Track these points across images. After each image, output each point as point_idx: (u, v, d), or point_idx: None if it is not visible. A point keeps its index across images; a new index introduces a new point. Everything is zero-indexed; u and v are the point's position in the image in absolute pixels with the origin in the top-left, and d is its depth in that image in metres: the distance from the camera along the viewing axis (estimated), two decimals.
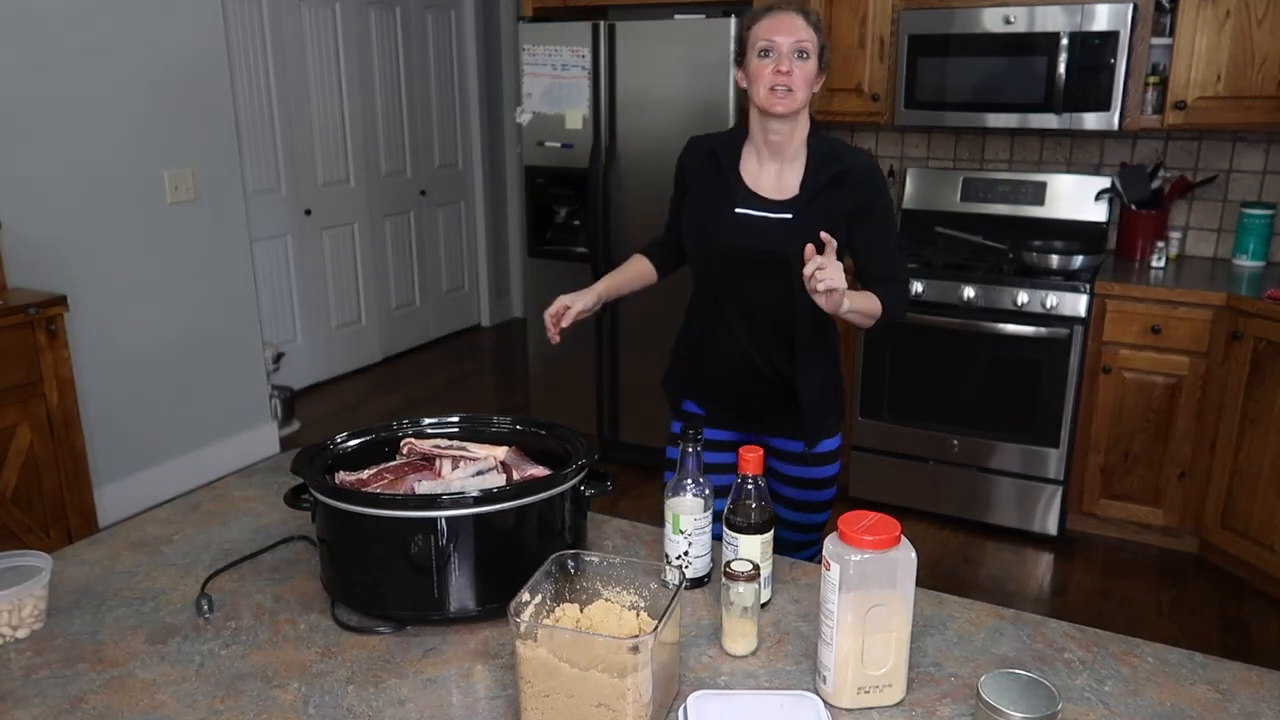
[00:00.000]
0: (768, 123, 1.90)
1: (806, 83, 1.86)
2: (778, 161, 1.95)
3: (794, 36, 1.84)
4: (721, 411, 2.08)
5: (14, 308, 2.73)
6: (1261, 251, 3.36)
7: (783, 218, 1.91)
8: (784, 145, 1.92)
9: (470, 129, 6.06)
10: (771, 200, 1.94)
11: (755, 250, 1.93)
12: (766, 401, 2.02)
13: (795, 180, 1.93)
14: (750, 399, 2.03)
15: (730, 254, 1.95)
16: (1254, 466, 2.97)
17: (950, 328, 3.32)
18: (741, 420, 2.07)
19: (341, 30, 5.01)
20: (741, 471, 1.27)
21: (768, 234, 1.92)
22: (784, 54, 1.83)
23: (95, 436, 3.33)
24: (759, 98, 1.87)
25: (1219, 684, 1.14)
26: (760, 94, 1.87)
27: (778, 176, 1.95)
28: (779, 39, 1.84)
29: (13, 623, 1.23)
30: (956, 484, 3.47)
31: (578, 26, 3.65)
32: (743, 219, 1.94)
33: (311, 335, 5.08)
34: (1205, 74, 3.14)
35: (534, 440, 1.48)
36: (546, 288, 4.00)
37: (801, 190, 1.91)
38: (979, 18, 3.31)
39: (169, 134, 3.56)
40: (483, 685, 1.15)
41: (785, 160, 1.94)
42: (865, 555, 1.06)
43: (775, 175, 1.95)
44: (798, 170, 1.94)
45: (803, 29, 1.85)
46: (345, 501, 1.24)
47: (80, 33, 3.23)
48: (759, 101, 1.88)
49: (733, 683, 1.15)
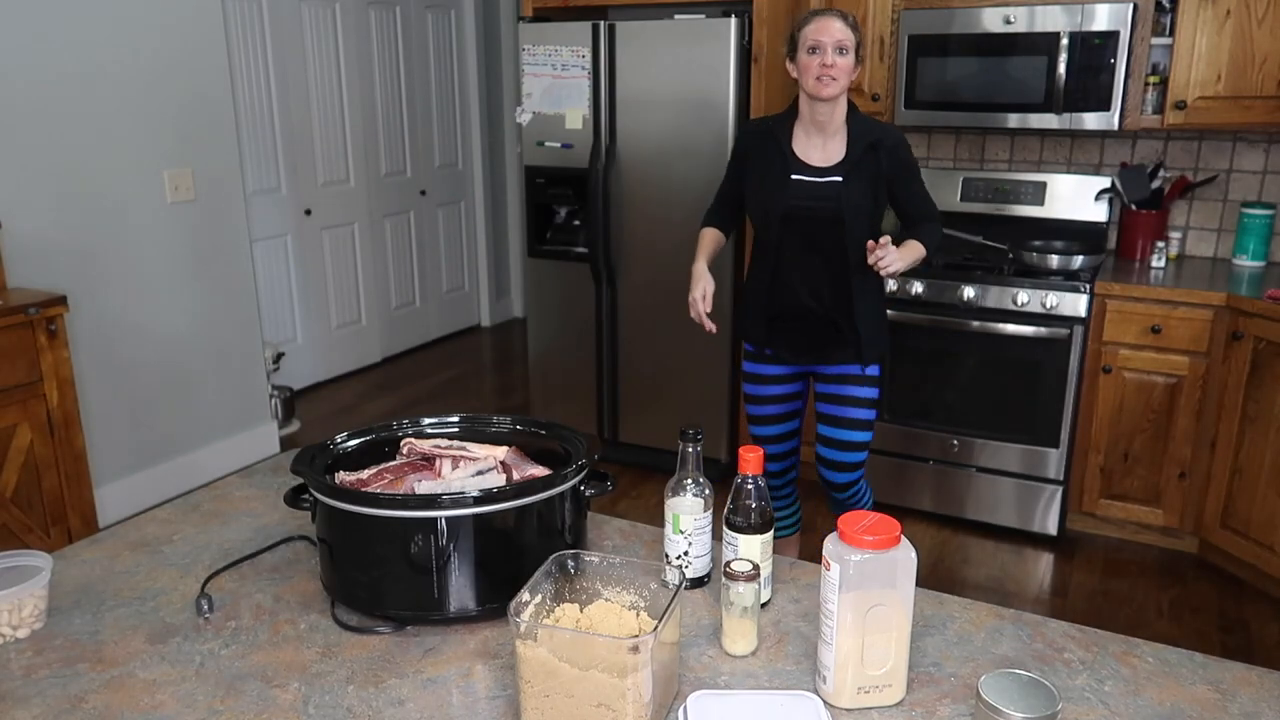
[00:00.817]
0: (815, 105, 2.35)
1: (846, 73, 2.31)
2: (823, 135, 2.40)
3: (836, 37, 2.28)
4: (785, 348, 2.52)
5: (14, 308, 2.73)
6: (1261, 251, 3.36)
7: (833, 180, 2.38)
8: (828, 123, 2.38)
9: (470, 129, 6.06)
10: (820, 168, 2.40)
11: (812, 209, 2.39)
12: (822, 336, 2.48)
13: (839, 151, 2.39)
14: (808, 335, 2.49)
15: (791, 214, 2.40)
16: (1254, 466, 2.97)
17: (950, 328, 3.32)
18: (800, 354, 2.53)
19: (341, 30, 5.01)
20: (741, 471, 1.27)
21: (823, 195, 2.38)
22: (828, 50, 2.27)
23: (95, 436, 3.33)
24: (808, 85, 2.32)
25: (1219, 684, 1.14)
26: (809, 82, 2.32)
27: (823, 148, 2.41)
28: (824, 38, 2.28)
29: (13, 623, 1.23)
30: (956, 484, 3.47)
31: (578, 26, 3.65)
32: (799, 185, 2.40)
33: (311, 335, 5.08)
34: (1205, 74, 3.14)
35: (534, 440, 1.48)
36: (546, 288, 4.01)
37: (846, 158, 2.38)
38: (979, 18, 3.31)
39: (169, 134, 3.56)
40: (483, 685, 1.15)
41: (829, 135, 2.40)
42: (865, 555, 1.06)
43: (821, 147, 2.41)
44: (840, 142, 2.40)
45: (842, 30, 2.29)
46: (345, 501, 1.24)
47: (80, 33, 3.23)
48: (808, 89, 2.33)
49: (733, 683, 1.15)
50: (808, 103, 2.37)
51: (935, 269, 3.34)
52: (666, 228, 3.68)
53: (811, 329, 2.48)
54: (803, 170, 2.39)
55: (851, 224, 2.35)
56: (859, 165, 2.37)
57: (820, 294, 2.43)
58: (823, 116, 2.36)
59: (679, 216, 3.65)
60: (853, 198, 2.35)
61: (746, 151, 2.50)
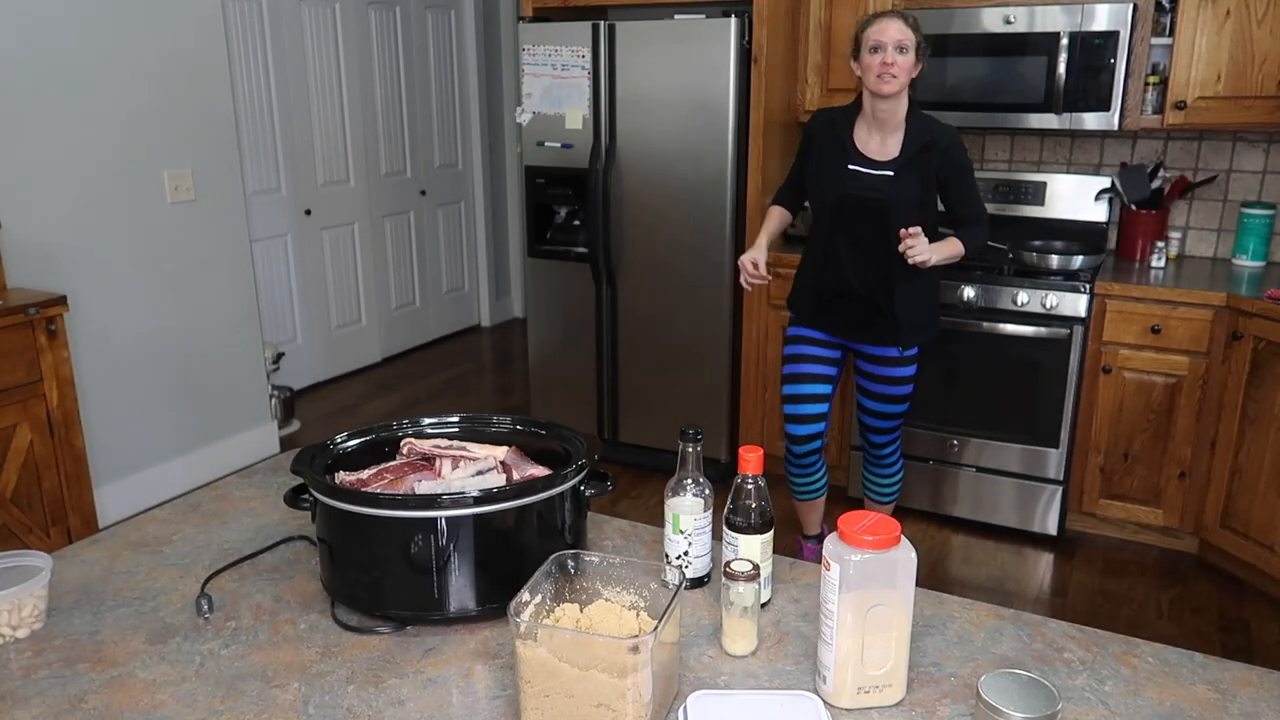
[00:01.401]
0: (876, 101, 2.49)
1: (906, 70, 2.44)
2: (882, 131, 2.55)
3: (896, 37, 2.42)
4: (828, 324, 2.72)
5: (14, 308, 2.73)
6: (1261, 251, 3.36)
7: (885, 174, 2.53)
8: (888, 119, 2.53)
9: (470, 129, 6.06)
10: (877, 160, 2.55)
11: (863, 198, 2.55)
12: (865, 316, 2.65)
13: (896, 146, 2.54)
14: (851, 314, 2.67)
15: (843, 201, 2.57)
16: (1254, 466, 2.97)
17: (950, 328, 3.31)
18: (844, 329, 2.71)
19: (341, 30, 5.01)
20: (741, 471, 1.27)
21: (873, 186, 2.54)
22: (889, 49, 2.41)
23: (95, 436, 3.33)
24: (870, 83, 2.46)
25: (1219, 684, 1.14)
26: (871, 80, 2.46)
27: (882, 143, 2.56)
28: (885, 38, 2.42)
29: (13, 623, 1.23)
30: (956, 484, 3.47)
31: (578, 26, 3.65)
32: (853, 175, 2.56)
33: (311, 335, 5.08)
34: (1205, 74, 3.14)
35: (534, 440, 1.48)
36: (546, 288, 4.01)
37: (900, 154, 2.53)
38: (979, 18, 3.31)
39: (169, 134, 3.56)
40: (483, 685, 1.15)
41: (888, 131, 2.54)
42: (865, 555, 1.06)
43: (880, 142, 2.56)
44: (898, 139, 2.54)
45: (902, 30, 2.42)
46: (345, 501, 1.24)
47: (80, 32, 3.23)
48: (870, 86, 2.47)
49: (733, 683, 1.15)
50: (870, 99, 2.51)
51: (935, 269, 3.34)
52: (666, 227, 3.68)
53: (855, 309, 2.66)
54: (859, 161, 2.56)
55: (898, 215, 2.49)
56: (912, 161, 2.51)
57: (866, 277, 2.60)
58: (883, 113, 2.51)
59: (679, 216, 3.65)
60: (901, 191, 2.51)
61: (812, 137, 2.68)
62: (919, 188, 2.54)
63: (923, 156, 2.51)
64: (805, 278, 2.75)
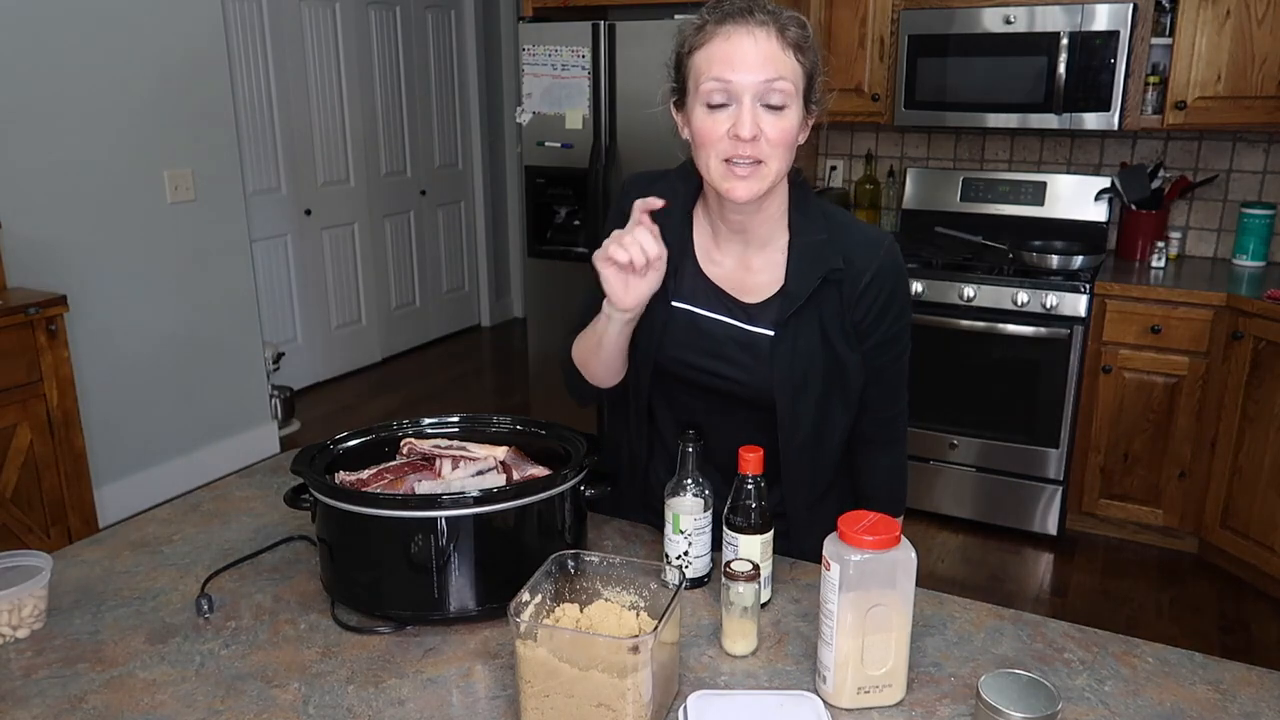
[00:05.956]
0: (725, 201, 1.28)
1: (785, 144, 1.22)
2: (741, 243, 1.34)
3: (762, 73, 1.18)
4: None
5: (14, 308, 2.73)
6: (1261, 251, 3.36)
7: (758, 332, 1.32)
8: (751, 226, 1.32)
9: (470, 129, 6.06)
10: (736, 300, 1.34)
11: (707, 372, 1.35)
12: None
13: (770, 272, 1.33)
14: None
15: (667, 371, 1.37)
16: (1254, 466, 2.97)
17: (950, 328, 3.32)
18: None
19: (341, 30, 5.01)
20: (741, 471, 1.27)
21: (730, 351, 1.33)
22: (746, 105, 1.18)
23: (95, 436, 3.33)
24: (710, 172, 1.24)
25: (1219, 684, 1.14)
26: (711, 166, 1.23)
27: (742, 263, 1.34)
28: (738, 77, 1.18)
29: (13, 623, 1.23)
30: (956, 484, 3.47)
31: (578, 26, 3.65)
32: (687, 319, 1.34)
33: (311, 335, 5.08)
34: (1205, 74, 3.14)
35: (534, 440, 1.48)
36: (546, 288, 4.00)
37: (784, 290, 1.31)
38: (979, 18, 3.31)
39: (169, 134, 3.56)
40: (483, 685, 1.15)
41: (753, 245, 1.34)
42: (865, 555, 1.06)
43: (739, 261, 1.35)
44: (774, 257, 1.33)
45: (778, 56, 1.19)
46: (345, 501, 1.24)
47: (80, 32, 3.23)
48: (710, 178, 1.25)
49: (733, 683, 1.15)
50: (714, 194, 1.29)
51: (935, 269, 3.34)
52: None
53: None
54: (702, 296, 1.35)
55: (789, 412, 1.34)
56: (808, 306, 1.31)
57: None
58: (739, 217, 1.31)
59: None
60: (787, 368, 1.32)
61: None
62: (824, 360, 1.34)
63: (829, 293, 1.31)
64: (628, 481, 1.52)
